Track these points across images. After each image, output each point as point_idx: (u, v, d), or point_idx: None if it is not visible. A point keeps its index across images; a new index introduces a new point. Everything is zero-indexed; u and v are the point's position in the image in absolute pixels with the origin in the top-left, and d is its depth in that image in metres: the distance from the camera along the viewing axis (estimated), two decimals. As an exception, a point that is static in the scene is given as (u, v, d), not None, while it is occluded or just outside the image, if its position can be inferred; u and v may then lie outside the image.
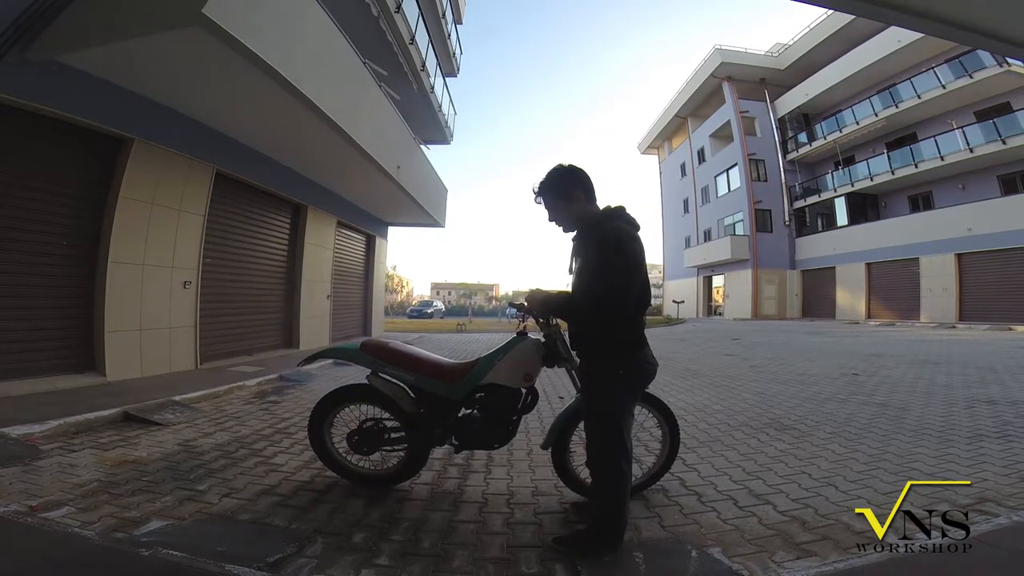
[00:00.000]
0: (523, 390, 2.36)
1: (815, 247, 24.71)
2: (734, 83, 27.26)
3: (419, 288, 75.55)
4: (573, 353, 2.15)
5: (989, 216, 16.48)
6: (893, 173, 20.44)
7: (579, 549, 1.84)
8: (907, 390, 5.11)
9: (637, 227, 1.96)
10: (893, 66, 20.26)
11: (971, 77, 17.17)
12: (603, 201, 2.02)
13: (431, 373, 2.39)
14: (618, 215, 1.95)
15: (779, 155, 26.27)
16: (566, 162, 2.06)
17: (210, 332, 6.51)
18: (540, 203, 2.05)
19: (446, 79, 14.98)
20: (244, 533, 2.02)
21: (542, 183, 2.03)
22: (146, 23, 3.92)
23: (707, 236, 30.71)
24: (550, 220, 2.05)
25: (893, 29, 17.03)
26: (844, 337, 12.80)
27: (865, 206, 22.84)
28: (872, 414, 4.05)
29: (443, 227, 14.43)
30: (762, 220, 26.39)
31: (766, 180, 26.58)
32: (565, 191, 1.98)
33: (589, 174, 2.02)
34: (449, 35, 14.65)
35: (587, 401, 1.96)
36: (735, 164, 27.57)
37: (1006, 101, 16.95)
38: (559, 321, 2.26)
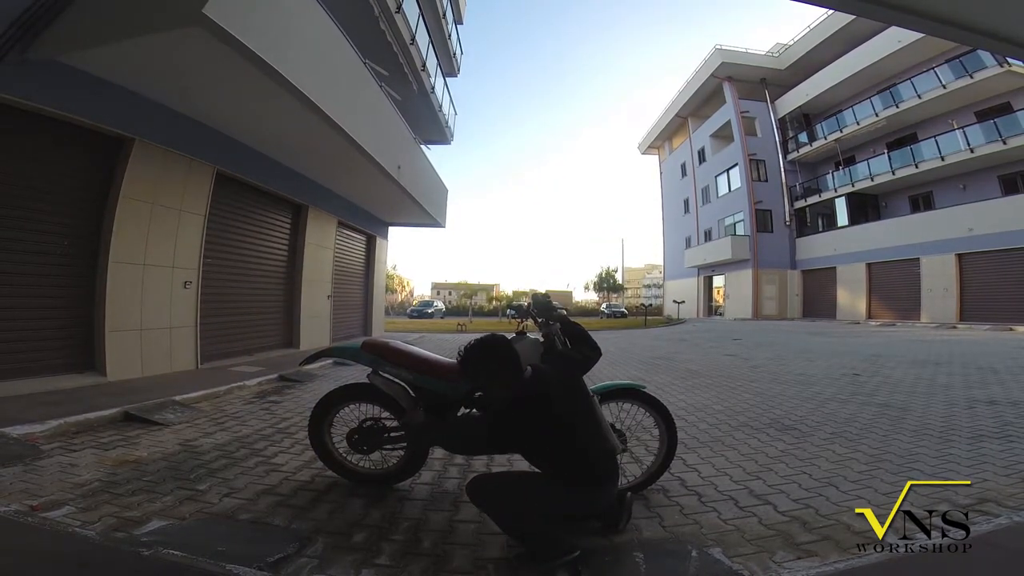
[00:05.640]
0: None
1: (816, 247, 24.71)
2: (734, 83, 27.29)
3: (420, 288, 75.62)
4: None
5: (990, 216, 16.48)
6: (894, 173, 20.45)
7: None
8: (908, 390, 5.11)
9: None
10: (893, 66, 20.28)
11: (972, 77, 17.18)
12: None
13: (431, 372, 2.39)
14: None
15: (779, 155, 26.28)
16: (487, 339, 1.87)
17: (210, 332, 6.51)
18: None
19: (446, 79, 14.99)
20: (244, 533, 2.02)
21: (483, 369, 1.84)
22: (147, 23, 3.92)
23: (707, 236, 30.73)
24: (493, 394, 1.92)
25: (893, 29, 17.04)
26: (845, 337, 12.79)
27: (866, 206, 22.85)
28: (873, 414, 4.05)
29: (443, 227, 14.41)
30: (762, 220, 26.41)
31: (766, 180, 26.60)
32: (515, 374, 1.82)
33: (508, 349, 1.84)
34: (449, 35, 14.66)
35: None
36: (735, 164, 27.59)
37: (1007, 101, 16.96)
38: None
